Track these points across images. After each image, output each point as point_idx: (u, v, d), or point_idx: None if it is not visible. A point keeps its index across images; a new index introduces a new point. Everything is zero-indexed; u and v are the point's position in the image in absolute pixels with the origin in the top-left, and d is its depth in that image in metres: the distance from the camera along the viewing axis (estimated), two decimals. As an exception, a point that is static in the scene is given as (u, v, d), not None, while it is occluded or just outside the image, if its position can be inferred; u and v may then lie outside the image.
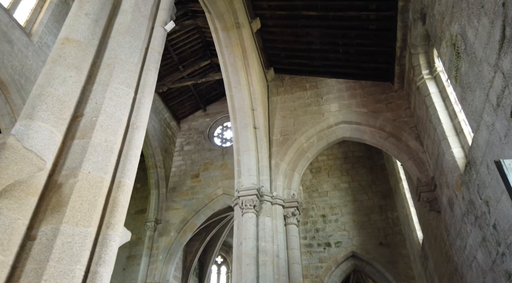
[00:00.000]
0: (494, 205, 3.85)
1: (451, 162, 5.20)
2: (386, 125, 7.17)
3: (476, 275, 4.81)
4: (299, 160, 7.43)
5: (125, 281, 12.23)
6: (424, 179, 6.44)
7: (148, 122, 11.36)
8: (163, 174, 14.04)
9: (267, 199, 6.69)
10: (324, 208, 12.25)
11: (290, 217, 6.78)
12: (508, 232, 3.61)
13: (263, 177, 6.91)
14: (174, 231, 12.87)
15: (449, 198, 5.51)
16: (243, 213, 6.39)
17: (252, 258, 5.88)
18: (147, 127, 13.65)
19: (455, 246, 5.60)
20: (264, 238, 6.22)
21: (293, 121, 7.82)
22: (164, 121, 14.82)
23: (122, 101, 2.19)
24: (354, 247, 11.20)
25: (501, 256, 3.88)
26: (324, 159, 13.49)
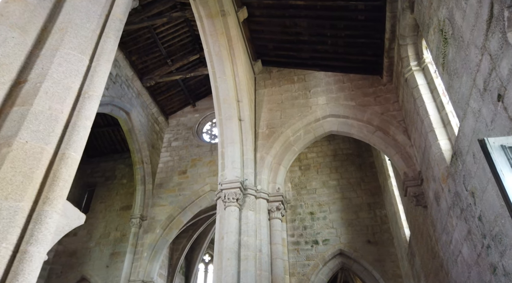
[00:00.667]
0: (479, 195, 3.71)
1: (438, 154, 5.07)
2: (373, 119, 7.03)
3: (462, 270, 4.68)
4: (285, 154, 7.25)
5: (108, 279, 11.91)
6: (411, 173, 6.31)
7: (134, 117, 11.04)
8: (149, 170, 13.75)
9: (251, 193, 6.49)
10: (313, 205, 12.10)
11: (274, 211, 6.59)
12: (494, 223, 3.46)
13: (247, 170, 6.71)
14: (159, 228, 12.59)
15: (435, 191, 5.38)
16: (226, 206, 6.18)
17: (234, 253, 5.67)
18: (134, 123, 13.38)
19: (441, 241, 5.47)
20: (246, 232, 6.02)
21: (280, 114, 7.64)
22: (152, 116, 14.52)
23: (73, 67, 1.97)
24: (342, 244, 11.07)
25: (486, 249, 3.74)
26: (314, 156, 13.35)
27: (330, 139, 13.62)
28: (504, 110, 2.93)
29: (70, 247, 12.96)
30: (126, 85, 12.83)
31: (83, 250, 12.83)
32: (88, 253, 12.71)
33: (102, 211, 13.69)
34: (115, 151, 15.64)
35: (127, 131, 13.28)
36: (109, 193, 14.17)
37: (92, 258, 12.52)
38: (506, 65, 2.79)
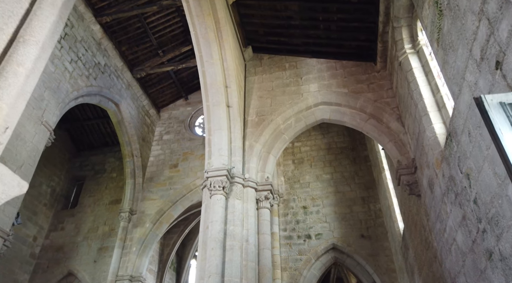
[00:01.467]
0: (475, 176, 3.47)
1: (432, 138, 4.84)
2: (367, 106, 6.79)
3: (456, 259, 4.45)
4: (275, 142, 6.99)
5: (95, 274, 11.61)
6: (405, 161, 6.08)
7: (124, 109, 10.73)
8: (140, 163, 13.45)
9: (239, 181, 6.23)
10: (306, 199, 11.87)
11: (263, 201, 6.34)
12: (490, 205, 3.23)
13: (235, 158, 6.45)
14: (149, 222, 12.30)
15: (429, 178, 5.15)
16: (211, 195, 5.91)
17: (218, 242, 5.41)
18: (123, 114, 13.06)
19: (434, 230, 5.25)
20: (233, 222, 5.76)
21: (270, 101, 7.38)
22: (143, 108, 14.22)
23: (7, 8, 1.71)
24: (335, 239, 10.84)
25: (482, 234, 3.51)
26: (307, 150, 13.13)
27: (324, 133, 13.40)
28: (502, 78, 2.69)
29: (57, 242, 12.64)
30: (116, 76, 12.52)
31: (71, 244, 12.51)
32: (75, 247, 12.40)
33: (91, 205, 13.37)
34: (105, 144, 15.32)
35: (117, 123, 12.97)
36: (98, 187, 13.86)
37: (79, 253, 12.22)
38: (505, 27, 2.55)
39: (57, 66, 9.54)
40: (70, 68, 10.16)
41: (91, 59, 11.17)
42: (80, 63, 10.65)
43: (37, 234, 12.72)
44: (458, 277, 4.49)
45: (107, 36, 11.77)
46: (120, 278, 11.10)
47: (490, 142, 3.03)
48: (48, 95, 9.13)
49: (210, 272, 5.11)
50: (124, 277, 11.11)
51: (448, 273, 4.88)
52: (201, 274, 5.27)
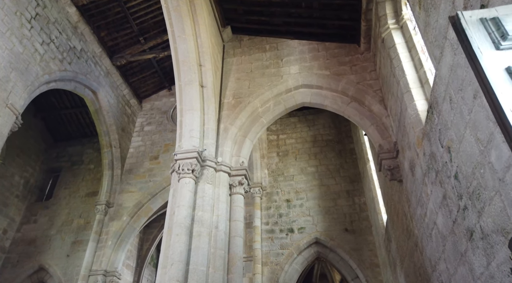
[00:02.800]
0: (456, 148, 3.13)
1: (413, 115, 4.50)
2: (349, 89, 6.44)
3: (436, 244, 4.12)
4: (252, 125, 6.60)
5: (68, 268, 11.06)
6: (387, 145, 5.75)
7: (102, 97, 10.17)
8: (118, 154, 12.92)
9: (210, 165, 5.81)
10: (289, 192, 11.51)
11: (236, 186, 5.93)
12: (471, 177, 2.88)
13: (208, 141, 6.04)
14: (127, 215, 11.78)
15: (410, 160, 4.82)
16: (179, 178, 5.49)
17: (184, 228, 4.98)
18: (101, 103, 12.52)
19: (415, 216, 4.92)
20: (202, 207, 5.34)
21: (248, 83, 6.98)
22: (123, 98, 13.68)
23: None
24: (318, 233, 10.51)
25: (463, 212, 3.17)
26: (293, 142, 12.78)
27: (310, 125, 13.08)
28: (486, 25, 2.33)
29: (29, 235, 12.04)
30: (93, 62, 11.97)
31: (43, 238, 11.92)
32: (48, 241, 11.82)
33: (66, 197, 12.80)
34: (84, 134, 14.74)
35: (94, 111, 12.43)
36: (74, 179, 13.28)
37: (52, 247, 11.64)
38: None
39: (26, 47, 8.99)
40: (41, 50, 9.61)
41: (66, 43, 10.62)
42: (53, 46, 10.10)
43: (7, 227, 12.10)
44: (438, 264, 4.16)
45: (84, 19, 11.23)
46: (93, 273, 10.57)
47: (472, 104, 2.68)
48: (15, 76, 8.59)
49: (174, 259, 4.68)
50: (98, 272, 10.59)
51: (429, 261, 4.55)
52: (164, 262, 4.84)
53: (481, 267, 2.94)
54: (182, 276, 4.60)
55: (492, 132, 2.44)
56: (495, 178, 2.49)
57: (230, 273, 5.08)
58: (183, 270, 4.66)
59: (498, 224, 2.53)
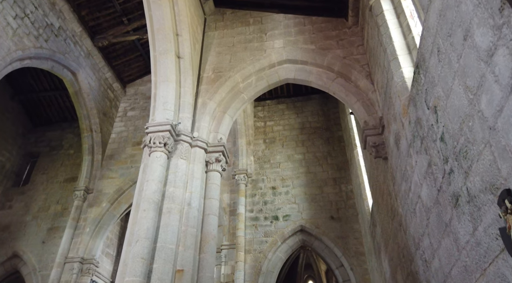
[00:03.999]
0: (443, 105, 2.82)
1: (400, 83, 4.20)
2: (335, 64, 6.12)
3: (420, 219, 3.83)
4: (232, 101, 6.23)
5: (43, 255, 10.60)
6: (372, 122, 5.45)
7: (83, 78, 9.63)
8: (99, 139, 12.44)
9: (185, 140, 5.44)
10: (275, 179, 11.21)
11: (213, 163, 5.58)
12: (458, 134, 2.58)
13: (183, 115, 5.66)
14: (106, 201, 11.34)
15: (396, 133, 4.52)
16: (151, 152, 5.11)
17: (153, 204, 4.62)
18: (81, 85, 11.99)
19: (400, 193, 4.63)
20: (174, 183, 4.98)
21: (229, 58, 6.61)
22: (105, 81, 13.16)
23: None
24: (304, 220, 10.24)
25: (448, 176, 2.87)
26: (280, 129, 12.46)
27: (298, 112, 12.77)
28: None
29: (3, 221, 11.52)
30: (73, 42, 11.44)
31: (18, 224, 11.42)
32: (23, 227, 11.32)
33: (43, 183, 12.29)
34: (64, 119, 14.18)
35: (73, 93, 11.92)
36: (53, 164, 12.77)
37: (27, 233, 11.15)
38: None
39: (-4, 19, 8.45)
40: (14, 24, 9.08)
41: (42, 19, 10.08)
42: (28, 21, 9.57)
43: (-20, 213, 11.57)
44: (421, 240, 3.88)
45: (63, -4, 10.68)
46: (69, 260, 10.14)
47: (462, 47, 2.37)
48: (-17, 49, 8.06)
49: (139, 236, 4.32)
50: (74, 259, 10.16)
51: (412, 239, 4.27)
52: (129, 239, 4.48)
53: (466, 235, 2.65)
54: (148, 254, 4.25)
55: (484, 74, 2.12)
56: (485, 127, 2.18)
57: (202, 252, 4.74)
58: (149, 248, 4.30)
59: (487, 180, 2.23)
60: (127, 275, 4.05)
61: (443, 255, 3.24)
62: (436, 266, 3.47)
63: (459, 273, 2.88)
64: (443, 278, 3.31)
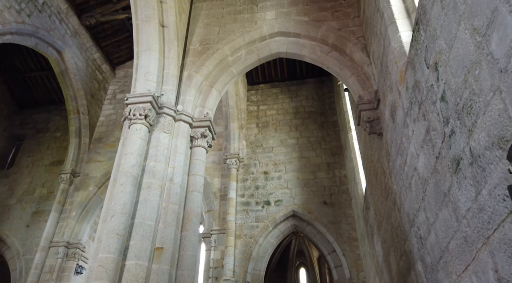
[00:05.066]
0: (445, 58, 2.52)
1: (397, 49, 3.88)
2: (329, 36, 5.78)
3: (416, 193, 3.57)
4: (220, 75, 5.89)
5: (27, 239, 10.29)
6: (367, 96, 5.15)
7: (69, 58, 9.13)
8: (87, 122, 12.05)
9: (169, 113, 5.11)
10: (268, 164, 10.93)
11: (198, 138, 5.27)
12: (462, 88, 2.28)
13: (167, 87, 5.32)
14: (93, 185, 11.02)
15: (392, 105, 4.23)
16: (130, 124, 4.78)
17: (131, 178, 4.31)
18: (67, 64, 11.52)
19: (395, 169, 4.37)
20: (155, 157, 4.67)
21: (218, 29, 6.24)
22: (93, 62, 12.69)
23: None
24: (296, 206, 10.01)
25: (449, 139, 2.59)
26: (273, 114, 12.14)
27: (292, 96, 12.45)
28: None
29: (-14, 204, 11.20)
30: (58, 19, 10.94)
31: (2, 207, 11.07)
32: (7, 211, 10.99)
33: (29, 166, 11.91)
34: (51, 101, 13.74)
35: (59, 73, 11.47)
36: (38, 147, 12.38)
37: (11, 217, 10.82)
38: None
39: (-28, -11, 7.97)
40: (-7, -4, 8.59)
41: (24, -8, 9.58)
42: (8, -7, 9.07)
43: (-38, 196, 11.20)
44: (417, 216, 3.62)
45: (46, -32, 10.15)
46: (54, 244, 9.85)
47: (469, -17, 2.05)
48: (-42, 20, 7.60)
49: (115, 211, 4.02)
50: (59, 243, 9.87)
51: (407, 217, 4.02)
52: (104, 215, 4.18)
53: (468, 201, 2.37)
54: (124, 230, 3.96)
55: (496, 7, 1.82)
56: (495, 71, 1.88)
57: (185, 230, 4.46)
58: (126, 224, 4.01)
59: (494, 134, 1.94)
60: (100, 251, 3.77)
61: (440, 229, 2.98)
62: (432, 241, 3.22)
63: (458, 245, 2.62)
64: (439, 254, 3.06)
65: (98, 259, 3.73)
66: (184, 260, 4.23)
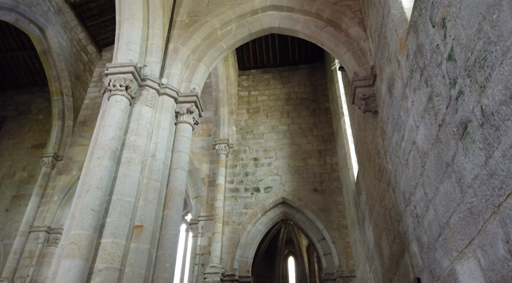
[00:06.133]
0: (455, 10, 2.27)
1: (398, 15, 3.62)
2: (324, 10, 5.49)
3: (413, 169, 3.35)
4: (208, 49, 5.56)
5: (6, 224, 9.88)
6: (363, 72, 4.90)
7: (52, 36, 8.57)
8: (71, 104, 11.57)
9: (152, 86, 4.78)
10: (258, 150, 10.67)
11: (184, 114, 4.96)
12: (475, 39, 2.04)
13: (151, 59, 4.97)
14: (77, 169, 10.61)
15: (390, 78, 3.98)
16: (110, 96, 4.44)
17: (109, 151, 3.99)
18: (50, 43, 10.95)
19: (390, 148, 4.14)
20: (136, 131, 4.35)
21: (207, 1, 5.89)
22: (78, 42, 12.16)
23: None
24: (286, 193, 9.80)
25: (455, 103, 2.35)
26: (265, 99, 11.85)
27: (284, 82, 12.16)
28: None
29: (-37, 188, 10.71)
30: (41, -6, 10.38)
31: (-20, 191, 10.61)
32: (-15, 195, 10.52)
33: (9, 149, 11.42)
34: (34, 82, 13.17)
35: (42, 52, 10.95)
36: (20, 129, 11.87)
37: (-11, 201, 10.37)
38: None
39: None
40: (-32, -36, 8.03)
41: (3, -38, 9.00)
42: (-15, -38, 8.51)
43: None
44: (413, 194, 3.41)
45: None
46: (35, 229, 9.47)
47: None
48: None
49: (90, 185, 3.71)
50: (40, 228, 9.50)
51: (402, 196, 3.81)
52: (80, 190, 3.87)
53: (475, 168, 2.15)
54: (100, 206, 3.65)
55: None
56: (518, 10, 1.63)
57: (167, 208, 4.18)
58: (102, 199, 3.70)
59: (514, 84, 1.70)
60: (73, 228, 3.47)
61: (440, 204, 2.77)
62: (430, 218, 3.01)
63: (461, 219, 2.41)
64: (438, 231, 2.85)
65: (70, 236, 3.43)
66: (166, 239, 3.95)
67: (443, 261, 2.82)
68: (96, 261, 3.44)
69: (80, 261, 3.28)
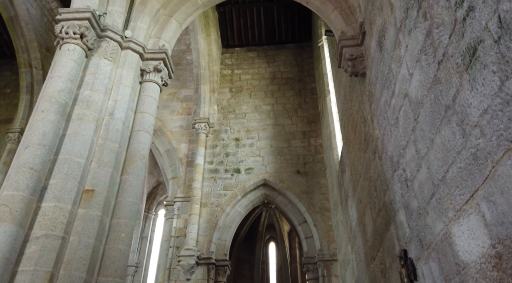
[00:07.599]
0: None
1: (391, -47, 3.16)
2: (310, -35, 4.98)
3: (404, 126, 2.94)
4: (182, 4, 5.00)
5: (-36, 204, 9.11)
6: (351, 31, 4.46)
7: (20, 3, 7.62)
8: (40, 77, 10.74)
9: (113, 37, 4.21)
10: (240, 131, 10.18)
11: (150, 72, 4.41)
12: None
13: (113, 8, 4.38)
14: (45, 146, 9.85)
15: (381, 29, 3.54)
16: (61, 44, 3.86)
17: (57, 104, 3.43)
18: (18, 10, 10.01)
19: (378, 111, 3.73)
20: (91, 86, 3.79)
21: (182, -48, 5.29)
22: (50, 12, 11.27)
23: None
24: (267, 174, 9.38)
25: (462, 25, 1.91)
26: (248, 78, 11.32)
27: (269, 61, 11.64)
28: None
29: None
30: (4, -47, 9.47)
31: None
32: None
33: (-28, 124, 10.58)
34: (2, 55, 12.23)
35: (8, 19, 10.07)
36: (-16, 103, 11.02)
37: None
38: None
39: None
40: None
41: None
42: None
43: None
44: (403, 156, 3.00)
45: None
46: None
47: None
48: None
49: (30, 141, 3.16)
50: (2, 208, 8.77)
51: (390, 162, 3.41)
52: (20, 148, 3.30)
53: (485, 100, 1.72)
54: (42, 165, 3.11)
55: None
56: None
57: (126, 173, 3.67)
58: (45, 158, 3.16)
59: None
60: (6, 188, 2.92)
61: (435, 158, 2.36)
62: (422, 178, 2.61)
63: (461, 169, 2.00)
64: (431, 191, 2.45)
65: (2, 197, 2.88)
66: (122, 207, 3.45)
67: (436, 225, 2.42)
68: (33, 227, 2.91)
69: (12, 226, 2.75)
